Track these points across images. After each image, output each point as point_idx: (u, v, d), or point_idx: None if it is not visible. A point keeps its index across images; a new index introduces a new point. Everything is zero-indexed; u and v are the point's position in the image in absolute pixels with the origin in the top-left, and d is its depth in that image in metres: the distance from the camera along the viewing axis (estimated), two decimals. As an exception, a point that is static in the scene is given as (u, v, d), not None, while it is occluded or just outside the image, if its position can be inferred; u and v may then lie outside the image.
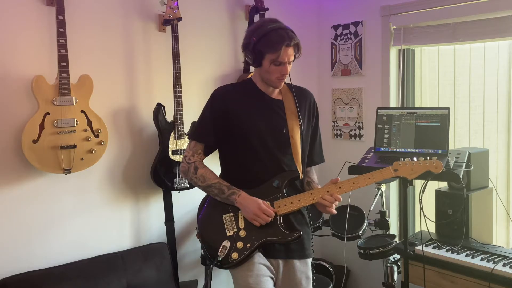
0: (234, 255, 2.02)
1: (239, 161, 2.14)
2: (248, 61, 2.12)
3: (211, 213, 2.14)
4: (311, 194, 2.10)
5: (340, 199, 2.10)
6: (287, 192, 2.11)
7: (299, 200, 2.08)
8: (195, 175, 2.12)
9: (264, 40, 2.00)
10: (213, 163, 2.25)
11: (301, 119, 2.16)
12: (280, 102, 2.18)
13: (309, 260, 2.20)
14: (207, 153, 2.18)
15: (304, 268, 2.16)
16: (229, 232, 2.07)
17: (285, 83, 2.22)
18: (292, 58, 2.06)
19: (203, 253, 2.17)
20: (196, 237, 3.09)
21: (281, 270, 2.12)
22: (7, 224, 2.53)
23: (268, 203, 2.06)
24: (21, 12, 2.53)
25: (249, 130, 2.10)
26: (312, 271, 2.22)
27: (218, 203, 2.12)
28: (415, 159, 2.12)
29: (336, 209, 3.10)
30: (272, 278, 2.10)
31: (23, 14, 2.53)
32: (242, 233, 2.06)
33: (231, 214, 2.09)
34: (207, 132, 2.14)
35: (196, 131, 2.20)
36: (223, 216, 2.10)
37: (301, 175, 2.13)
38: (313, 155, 2.29)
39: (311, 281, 2.20)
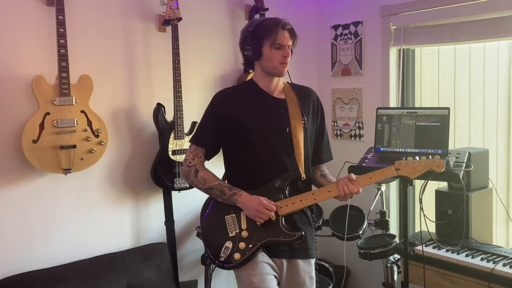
0: (237, 256, 2.03)
1: (242, 162, 2.14)
2: (248, 55, 2.11)
3: (214, 214, 2.14)
4: (313, 194, 2.10)
5: (355, 192, 2.06)
6: (289, 193, 2.10)
7: (300, 201, 2.08)
8: (195, 178, 2.13)
9: (261, 27, 2.07)
10: (217, 164, 2.25)
11: (305, 118, 2.16)
12: (283, 101, 2.17)
13: (313, 260, 2.20)
14: (208, 157, 2.18)
15: (308, 268, 2.16)
16: (231, 233, 2.07)
17: (287, 82, 2.22)
18: (290, 42, 2.09)
19: (205, 253, 2.16)
20: (196, 237, 3.12)
21: (285, 269, 2.12)
22: (7, 224, 2.53)
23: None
24: (21, 12, 2.53)
25: (251, 132, 2.10)
26: (316, 268, 2.22)
27: (221, 204, 2.12)
28: (417, 158, 2.10)
29: (336, 209, 3.14)
30: (275, 277, 2.09)
31: (23, 14, 2.53)
32: (244, 233, 2.06)
33: (233, 214, 2.09)
34: (207, 137, 2.15)
35: (197, 136, 2.21)
36: (225, 217, 2.10)
37: (303, 175, 2.12)
38: (321, 153, 2.29)
39: (315, 281, 2.20)
